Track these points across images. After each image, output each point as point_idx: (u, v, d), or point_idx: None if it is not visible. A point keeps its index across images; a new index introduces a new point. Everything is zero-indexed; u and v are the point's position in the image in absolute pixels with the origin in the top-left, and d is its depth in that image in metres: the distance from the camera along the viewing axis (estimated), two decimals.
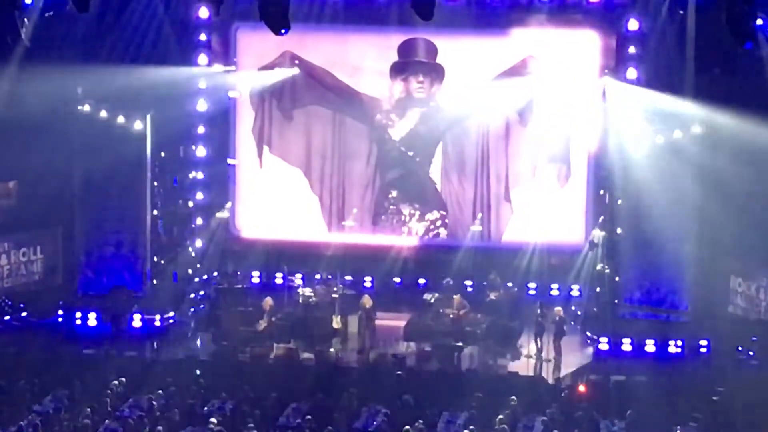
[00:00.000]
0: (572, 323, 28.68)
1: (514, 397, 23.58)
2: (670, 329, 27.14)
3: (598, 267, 29.39)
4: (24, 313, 29.01)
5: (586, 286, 29.83)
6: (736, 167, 26.63)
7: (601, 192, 29.99)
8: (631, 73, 28.68)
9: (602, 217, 29.71)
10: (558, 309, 27.45)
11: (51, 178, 28.69)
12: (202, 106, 30.71)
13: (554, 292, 29.95)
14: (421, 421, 22.30)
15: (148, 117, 28.91)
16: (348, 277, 30.16)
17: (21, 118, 27.98)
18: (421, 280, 30.71)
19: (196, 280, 30.89)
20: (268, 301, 27.86)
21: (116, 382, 24.01)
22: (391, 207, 31.37)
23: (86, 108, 28.75)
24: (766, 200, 26.40)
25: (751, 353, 26.39)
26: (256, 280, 31.14)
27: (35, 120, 28.17)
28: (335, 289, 29.01)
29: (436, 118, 31.04)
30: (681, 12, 27.73)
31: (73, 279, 29.72)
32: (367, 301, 27.77)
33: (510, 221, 30.96)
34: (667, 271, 28.16)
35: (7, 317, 28.76)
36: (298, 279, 30.31)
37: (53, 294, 29.48)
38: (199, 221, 31.21)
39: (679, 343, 26.90)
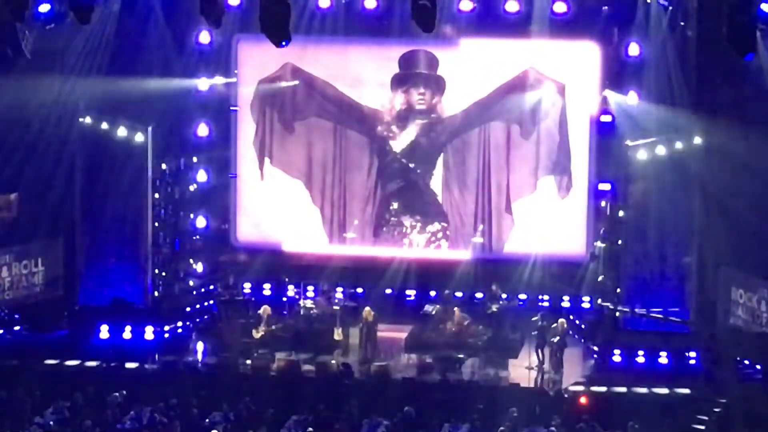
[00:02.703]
0: (573, 335, 28.65)
1: (515, 409, 23.58)
2: (671, 341, 27.08)
3: (600, 278, 29.41)
4: (25, 325, 28.99)
5: (587, 298, 29.84)
6: (738, 178, 26.63)
7: (603, 203, 30.02)
8: (632, 83, 28.72)
9: (603, 229, 29.75)
10: (560, 320, 27.43)
11: (52, 190, 28.75)
12: (202, 118, 30.74)
13: (555, 304, 29.86)
14: None
15: (149, 129, 28.93)
16: (350, 290, 30.11)
17: (22, 130, 28.05)
18: (413, 292, 30.60)
19: (200, 291, 30.92)
20: (267, 309, 27.91)
21: (117, 394, 23.98)
22: (392, 219, 31.37)
23: (87, 120, 28.80)
24: None
25: (747, 362, 26.33)
26: (257, 291, 31.08)
27: (36, 132, 28.23)
28: (336, 301, 28.99)
29: (437, 129, 31.07)
30: (682, 24, 27.79)
31: (74, 291, 29.68)
32: (368, 313, 27.78)
33: (511, 233, 30.94)
34: (669, 283, 28.17)
35: (8, 329, 28.73)
36: (301, 291, 30.19)
37: (54, 306, 29.43)
38: (200, 232, 31.20)
39: (680, 354, 26.85)
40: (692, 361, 26.65)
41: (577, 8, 28.73)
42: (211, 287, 31.07)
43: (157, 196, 29.76)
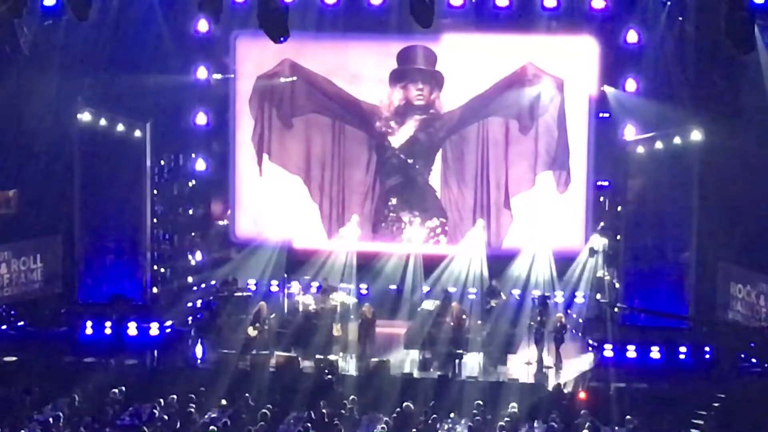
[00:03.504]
0: (572, 330, 28.67)
1: (514, 404, 23.59)
2: (670, 336, 27.08)
3: (599, 273, 29.41)
4: (24, 322, 28.96)
5: (586, 293, 29.84)
6: (736, 173, 26.64)
7: (601, 198, 30.05)
8: (630, 79, 28.75)
9: (602, 224, 29.77)
10: (559, 316, 27.47)
11: (51, 186, 28.75)
12: (201, 114, 30.75)
13: (554, 299, 29.83)
14: (421, 429, 22.32)
15: (148, 125, 28.91)
16: (349, 285, 30.08)
17: (21, 126, 28.05)
18: (425, 288, 30.60)
19: (196, 288, 30.90)
20: (263, 306, 27.87)
21: (116, 390, 23.99)
22: (391, 214, 31.36)
23: (86, 116, 28.76)
24: (766, 206, 26.37)
25: (746, 357, 26.33)
26: (256, 287, 31.05)
27: (35, 128, 28.22)
28: (335, 297, 28.98)
29: (435, 125, 31.06)
30: (680, 19, 27.80)
31: (73, 287, 29.67)
32: (367, 309, 27.79)
33: (510, 228, 30.94)
34: (667, 278, 28.16)
35: (7, 326, 28.71)
36: (298, 287, 30.15)
37: (53, 302, 29.39)
38: (198, 229, 31.18)
39: (680, 349, 26.84)
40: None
41: (576, 3, 28.74)
42: (209, 283, 31.02)
43: (155, 192, 29.75)
